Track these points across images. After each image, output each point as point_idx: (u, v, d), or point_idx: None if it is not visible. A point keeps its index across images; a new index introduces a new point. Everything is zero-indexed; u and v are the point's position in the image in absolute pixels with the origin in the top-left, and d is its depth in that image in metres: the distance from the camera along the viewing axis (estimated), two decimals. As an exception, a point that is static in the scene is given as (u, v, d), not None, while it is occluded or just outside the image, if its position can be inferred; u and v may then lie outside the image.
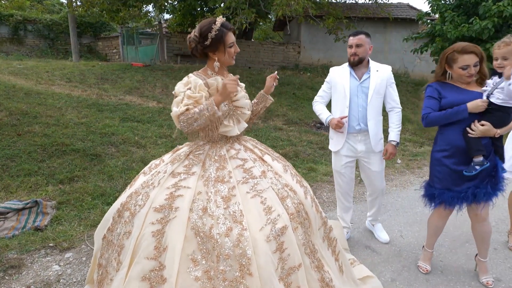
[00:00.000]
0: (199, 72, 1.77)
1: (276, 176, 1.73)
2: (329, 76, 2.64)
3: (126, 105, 6.20)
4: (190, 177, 1.62)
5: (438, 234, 2.40)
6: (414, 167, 4.93)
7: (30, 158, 3.81)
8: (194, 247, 1.45)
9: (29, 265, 2.31)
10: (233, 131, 1.75)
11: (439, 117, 2.09)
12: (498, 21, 7.42)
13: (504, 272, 2.46)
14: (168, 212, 1.51)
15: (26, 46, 13.19)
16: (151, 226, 1.49)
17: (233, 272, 1.41)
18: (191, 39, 1.71)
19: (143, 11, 10.32)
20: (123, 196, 1.72)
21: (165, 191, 1.58)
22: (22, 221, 2.83)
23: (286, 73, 11.07)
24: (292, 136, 5.92)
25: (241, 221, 1.48)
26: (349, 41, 2.50)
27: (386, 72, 2.52)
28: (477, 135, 2.01)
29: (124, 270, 1.49)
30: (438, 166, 2.19)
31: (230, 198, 1.55)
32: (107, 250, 1.67)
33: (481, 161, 2.02)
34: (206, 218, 1.49)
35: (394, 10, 13.03)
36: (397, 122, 2.54)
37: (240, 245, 1.43)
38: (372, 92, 2.47)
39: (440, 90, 2.13)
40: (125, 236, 1.55)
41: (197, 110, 1.57)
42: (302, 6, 7.49)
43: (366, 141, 2.54)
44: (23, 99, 5.56)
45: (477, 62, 2.02)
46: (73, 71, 8.17)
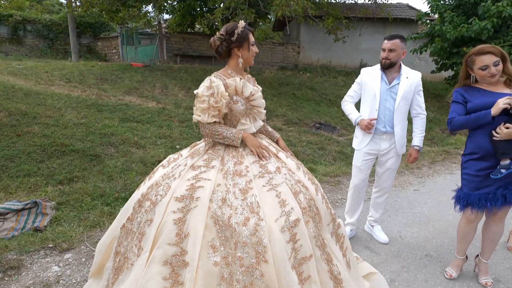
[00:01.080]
0: (219, 73, 1.87)
1: (289, 172, 1.81)
2: (360, 77, 2.67)
3: (126, 105, 6.20)
4: (210, 170, 1.72)
5: (467, 240, 2.33)
6: (413, 168, 4.94)
7: (29, 159, 3.81)
8: (214, 234, 1.53)
9: (28, 266, 2.30)
10: (250, 129, 1.87)
11: (463, 121, 2.10)
12: (498, 21, 7.43)
13: (503, 272, 2.46)
14: (189, 201, 1.59)
15: (26, 46, 13.18)
16: (172, 214, 1.57)
17: (250, 258, 1.49)
18: (215, 39, 1.83)
19: (143, 11, 10.31)
20: (143, 187, 1.80)
21: (186, 182, 1.66)
22: (21, 222, 2.83)
23: (285, 73, 11.08)
24: (291, 137, 5.92)
25: (258, 212, 1.57)
26: (383, 44, 2.51)
27: (416, 78, 2.55)
28: (502, 138, 1.99)
29: (146, 255, 1.55)
30: (466, 169, 2.19)
31: (247, 190, 1.64)
32: (126, 238, 1.73)
33: (508, 164, 2.01)
34: (225, 208, 1.57)
35: (393, 10, 13.05)
36: (421, 127, 2.60)
37: (257, 234, 1.51)
38: (400, 98, 2.51)
39: (465, 94, 2.14)
40: (146, 224, 1.62)
41: (224, 134, 1.79)
42: (302, 6, 7.50)
43: (391, 140, 2.60)
44: (23, 99, 5.55)
45: (497, 62, 2.01)
46: (73, 71, 8.16)
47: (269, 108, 7.46)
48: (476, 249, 2.68)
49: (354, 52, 12.79)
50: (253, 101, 1.87)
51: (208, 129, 1.78)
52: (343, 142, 6.07)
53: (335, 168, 4.64)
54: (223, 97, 1.75)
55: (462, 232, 2.32)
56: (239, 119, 1.84)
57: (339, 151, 5.53)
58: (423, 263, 2.55)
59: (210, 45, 1.87)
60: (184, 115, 6.15)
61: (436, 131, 7.43)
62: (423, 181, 4.45)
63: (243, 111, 1.84)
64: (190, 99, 7.40)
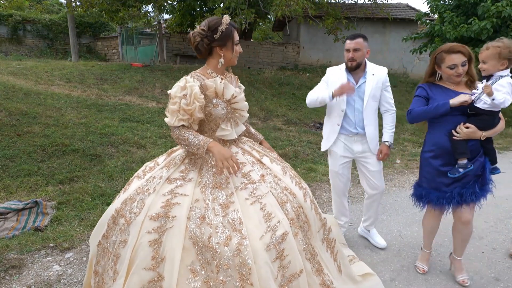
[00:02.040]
0: (198, 72, 1.71)
1: (275, 179, 1.69)
2: (327, 76, 2.59)
3: (126, 105, 6.20)
4: (187, 184, 1.58)
5: (433, 234, 2.42)
6: (413, 167, 4.94)
7: (29, 159, 3.82)
8: (193, 257, 1.41)
9: (29, 265, 2.31)
10: (231, 135, 1.71)
11: (421, 112, 2.10)
12: (497, 21, 7.44)
13: (503, 271, 2.47)
14: (165, 220, 1.46)
15: (25, 46, 13.18)
16: (147, 235, 1.45)
17: (233, 282, 1.37)
18: (195, 34, 1.65)
19: (143, 11, 10.32)
20: (117, 201, 1.66)
21: (161, 198, 1.53)
22: (22, 222, 2.83)
23: (285, 73, 11.08)
24: (291, 137, 5.92)
25: (241, 230, 1.44)
26: (346, 45, 2.44)
27: (382, 75, 2.48)
28: (462, 137, 2.03)
29: (121, 281, 1.45)
30: (426, 166, 2.22)
31: (228, 205, 1.51)
32: (103, 257, 1.64)
33: (465, 163, 2.04)
34: (204, 227, 1.44)
35: (393, 10, 13.05)
36: (391, 123, 2.54)
37: (240, 254, 1.39)
38: (368, 97, 2.45)
39: (428, 90, 2.17)
40: (121, 245, 1.51)
41: (189, 140, 1.58)
42: (301, 6, 7.51)
43: (363, 141, 2.53)
44: (23, 99, 5.56)
45: (464, 62, 2.03)
46: (73, 71, 8.16)
47: (269, 108, 7.46)
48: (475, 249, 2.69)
49: (354, 52, 12.78)
50: (235, 103, 1.71)
51: (175, 132, 1.61)
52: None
53: (335, 168, 4.64)
54: (197, 100, 1.57)
55: (427, 227, 2.40)
56: (219, 124, 1.68)
57: (339, 151, 5.53)
58: (423, 262, 2.55)
59: (188, 40, 1.68)
60: (184, 115, 6.15)
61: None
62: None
63: (223, 115, 1.66)
64: (190, 99, 7.41)
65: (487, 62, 2.03)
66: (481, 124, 2.02)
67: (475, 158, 2.08)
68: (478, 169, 2.10)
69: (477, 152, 2.09)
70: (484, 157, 2.13)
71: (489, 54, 2.02)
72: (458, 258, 2.33)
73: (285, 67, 12.72)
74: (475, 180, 2.11)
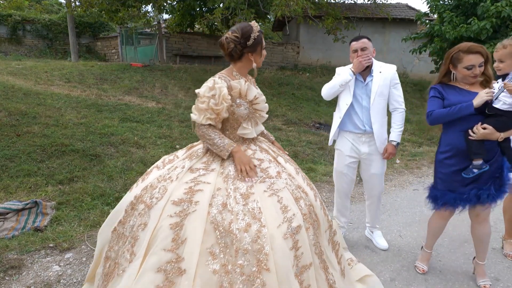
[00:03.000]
0: (224, 73, 1.81)
1: (289, 177, 1.76)
2: (337, 74, 2.64)
3: (125, 105, 6.20)
4: (209, 173, 1.66)
5: (438, 235, 2.40)
6: (413, 167, 4.95)
7: (29, 159, 3.81)
8: (213, 241, 1.47)
9: (29, 266, 2.31)
10: (251, 134, 1.82)
11: (443, 114, 2.06)
12: (497, 21, 7.44)
13: (503, 271, 2.47)
14: (188, 205, 1.53)
15: (25, 46, 13.16)
16: (169, 219, 1.51)
17: (251, 267, 1.43)
18: (229, 40, 1.73)
19: (142, 11, 10.31)
20: (135, 189, 1.72)
21: (183, 185, 1.60)
22: (21, 222, 2.83)
23: (285, 73, 11.08)
24: (291, 136, 5.93)
25: (260, 218, 1.52)
26: (352, 46, 2.47)
27: (390, 72, 2.49)
28: (478, 138, 1.98)
29: (138, 261, 1.48)
30: (440, 167, 2.18)
31: (248, 195, 1.59)
32: (117, 243, 1.67)
33: (480, 164, 2.00)
34: (225, 213, 1.52)
35: (392, 10, 13.06)
36: (399, 122, 2.53)
37: (259, 241, 1.46)
38: (374, 94, 2.46)
39: (442, 91, 2.12)
40: (140, 228, 1.55)
41: (215, 141, 1.70)
42: (301, 6, 7.51)
43: (370, 143, 2.54)
44: (22, 99, 5.55)
45: (482, 63, 1.99)
46: (72, 71, 8.16)
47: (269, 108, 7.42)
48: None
49: (354, 52, 12.79)
50: (256, 104, 1.82)
51: (201, 130, 1.72)
52: (342, 142, 6.07)
53: (335, 168, 4.64)
54: (225, 100, 1.68)
55: (435, 227, 2.37)
56: (240, 123, 1.78)
57: (338, 151, 5.53)
58: (423, 262, 2.55)
59: (220, 45, 1.78)
60: (184, 115, 6.15)
61: (435, 131, 7.44)
62: (422, 180, 4.46)
63: (245, 115, 1.77)
64: (190, 99, 7.41)
65: (504, 61, 2.00)
66: (499, 125, 1.96)
67: (493, 159, 2.03)
68: (496, 170, 2.05)
69: (495, 152, 2.04)
70: (503, 157, 2.06)
71: (506, 53, 1.98)
72: (481, 262, 2.29)
73: (284, 67, 12.72)
74: (493, 181, 2.05)
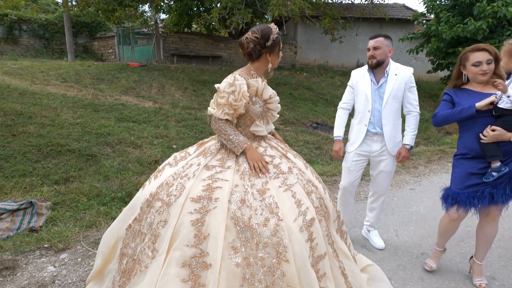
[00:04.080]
0: (243, 71, 1.85)
1: (300, 172, 1.82)
2: (351, 80, 2.63)
3: (122, 105, 6.17)
4: (226, 171, 1.71)
5: (448, 236, 2.37)
6: (409, 167, 4.96)
7: (24, 159, 3.79)
8: (234, 235, 1.53)
9: (23, 266, 2.29)
10: (263, 131, 1.88)
11: (446, 115, 2.12)
12: (493, 21, 7.48)
13: (499, 270, 2.48)
14: (207, 202, 1.58)
15: (21, 46, 13.07)
16: (189, 215, 1.56)
17: (271, 259, 1.51)
18: (249, 40, 1.79)
19: (139, 11, 10.27)
20: (149, 187, 1.76)
21: (201, 182, 1.65)
22: (16, 222, 2.81)
23: (282, 73, 11.08)
24: (288, 136, 5.92)
25: (277, 212, 1.58)
26: (368, 44, 2.49)
27: (406, 75, 2.48)
28: (489, 140, 2.00)
29: (162, 257, 1.53)
30: (457, 167, 2.19)
31: (264, 191, 1.66)
32: (134, 240, 1.70)
33: (498, 167, 2.00)
34: (244, 209, 1.58)
35: (389, 10, 13.09)
36: (413, 126, 2.54)
37: (277, 234, 1.53)
38: (387, 96, 2.46)
39: (453, 96, 2.16)
40: (160, 225, 1.60)
41: (230, 137, 1.76)
42: (298, 6, 7.50)
43: (382, 142, 2.55)
44: (18, 99, 5.51)
45: (490, 60, 2.02)
46: (69, 71, 8.12)
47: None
48: (470, 251, 2.70)
49: (351, 52, 12.82)
50: (270, 104, 1.89)
51: (218, 124, 1.77)
52: (340, 142, 6.08)
53: (332, 168, 4.65)
54: (244, 97, 1.73)
55: (444, 228, 2.34)
56: (254, 120, 1.84)
57: (336, 151, 5.54)
58: (419, 261, 2.56)
59: (240, 44, 1.83)
60: (181, 115, 6.14)
61: (432, 131, 7.47)
62: (419, 180, 4.47)
63: (260, 113, 1.83)
64: (187, 99, 7.39)
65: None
66: (507, 125, 1.97)
67: (509, 159, 2.02)
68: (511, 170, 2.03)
69: (511, 153, 2.03)
70: None
71: (503, 51, 2.03)
72: (479, 262, 2.29)
73: (282, 67, 12.71)
74: (508, 181, 2.04)
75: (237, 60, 12.40)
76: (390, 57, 2.50)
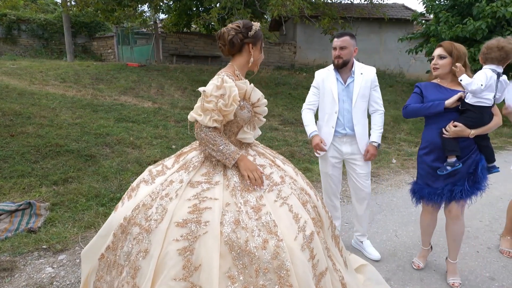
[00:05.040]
0: (227, 71, 1.67)
1: (292, 181, 1.69)
2: (316, 81, 2.57)
3: (121, 105, 6.17)
4: (214, 187, 1.51)
5: (428, 231, 2.43)
6: (409, 167, 4.96)
7: (23, 159, 3.78)
8: (230, 263, 1.36)
9: (21, 268, 2.28)
10: (251, 139, 1.70)
11: (416, 108, 2.19)
12: (492, 21, 7.49)
13: (498, 270, 2.47)
14: (196, 226, 1.39)
15: (20, 46, 13.05)
16: (175, 244, 1.36)
17: (273, 285, 1.35)
18: (229, 29, 1.63)
19: (138, 11, 10.26)
20: (122, 209, 1.55)
21: (186, 203, 1.45)
22: (15, 223, 2.80)
23: (282, 73, 11.08)
24: (288, 136, 5.92)
25: (276, 232, 1.42)
26: (333, 43, 2.45)
27: (371, 74, 2.47)
28: (450, 135, 2.07)
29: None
30: (420, 163, 2.29)
31: (260, 208, 1.48)
32: (109, 272, 1.51)
33: (453, 162, 2.08)
34: (239, 231, 1.40)
35: (389, 10, 13.09)
36: (379, 123, 2.52)
37: (278, 257, 1.37)
38: (356, 96, 2.44)
39: (423, 89, 2.25)
40: (140, 256, 1.40)
41: (220, 147, 1.54)
42: (298, 6, 7.50)
43: (352, 142, 2.50)
44: (17, 99, 5.50)
45: (443, 55, 2.12)
46: (68, 71, 8.10)
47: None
48: (470, 249, 2.70)
49: (350, 52, 12.82)
50: (257, 108, 1.72)
51: (205, 133, 1.54)
52: (339, 142, 6.08)
53: (331, 168, 4.64)
54: (235, 102, 1.54)
55: (423, 223, 2.42)
56: (241, 126, 1.65)
57: (335, 151, 5.53)
58: (419, 262, 2.56)
59: (219, 35, 1.65)
60: (180, 115, 6.13)
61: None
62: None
63: (247, 118, 1.65)
64: (186, 99, 7.38)
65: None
66: (469, 121, 2.05)
67: (467, 156, 2.11)
68: (470, 167, 2.12)
69: (470, 149, 2.12)
70: (480, 154, 2.15)
71: None
72: (451, 261, 2.32)
73: (281, 67, 12.71)
74: (467, 177, 2.13)
75: (236, 60, 12.37)
76: (354, 56, 2.48)
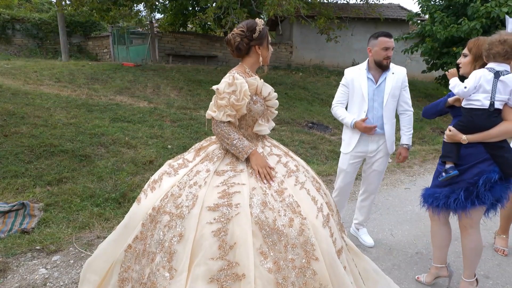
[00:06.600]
0: (239, 70, 1.78)
1: (304, 170, 1.82)
2: (345, 79, 2.57)
3: (117, 105, 6.13)
4: (240, 174, 1.64)
5: (435, 243, 2.24)
6: (404, 166, 4.97)
7: (17, 160, 3.74)
8: (261, 240, 1.48)
9: (14, 269, 2.26)
10: (266, 130, 1.83)
11: (429, 106, 2.23)
12: (486, 21, 7.53)
13: (492, 269, 2.49)
14: (228, 209, 1.51)
15: (14, 46, 12.94)
16: (209, 226, 1.47)
17: (300, 259, 1.48)
18: (235, 35, 1.74)
19: (134, 10, 10.22)
20: (147, 201, 1.64)
21: (215, 189, 1.57)
22: (8, 224, 2.77)
23: (278, 73, 11.08)
24: (284, 136, 5.92)
25: (300, 211, 1.55)
26: (384, 43, 2.40)
27: (401, 74, 2.50)
28: (447, 140, 2.00)
29: (183, 276, 1.41)
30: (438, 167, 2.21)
31: (282, 191, 1.62)
32: (138, 262, 1.57)
33: (447, 168, 1.98)
34: (267, 212, 1.53)
35: (385, 10, 13.14)
36: (408, 125, 2.56)
37: (304, 233, 1.50)
38: (387, 95, 2.45)
39: None
40: (174, 241, 1.48)
41: (234, 141, 1.67)
42: (294, 6, 7.51)
43: (380, 141, 2.54)
44: (10, 99, 5.45)
45: (465, 53, 2.06)
46: (63, 71, 8.04)
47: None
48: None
49: (346, 52, 12.86)
50: (269, 101, 1.85)
51: (220, 128, 1.68)
52: (335, 142, 6.09)
53: (328, 167, 4.65)
54: (246, 96, 1.67)
55: (431, 233, 2.27)
56: (256, 119, 1.78)
57: (331, 150, 5.55)
58: (414, 260, 2.57)
59: (227, 42, 1.77)
60: (176, 115, 6.11)
61: (427, 130, 7.50)
62: (414, 179, 4.49)
63: (261, 111, 1.78)
64: (182, 99, 7.35)
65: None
66: (458, 125, 1.95)
67: (470, 164, 1.92)
68: (473, 177, 1.90)
69: (476, 158, 1.91)
70: (495, 166, 1.88)
71: None
72: (465, 280, 2.10)
73: (278, 67, 12.71)
74: (465, 188, 1.93)
75: (232, 60, 12.38)
76: None
